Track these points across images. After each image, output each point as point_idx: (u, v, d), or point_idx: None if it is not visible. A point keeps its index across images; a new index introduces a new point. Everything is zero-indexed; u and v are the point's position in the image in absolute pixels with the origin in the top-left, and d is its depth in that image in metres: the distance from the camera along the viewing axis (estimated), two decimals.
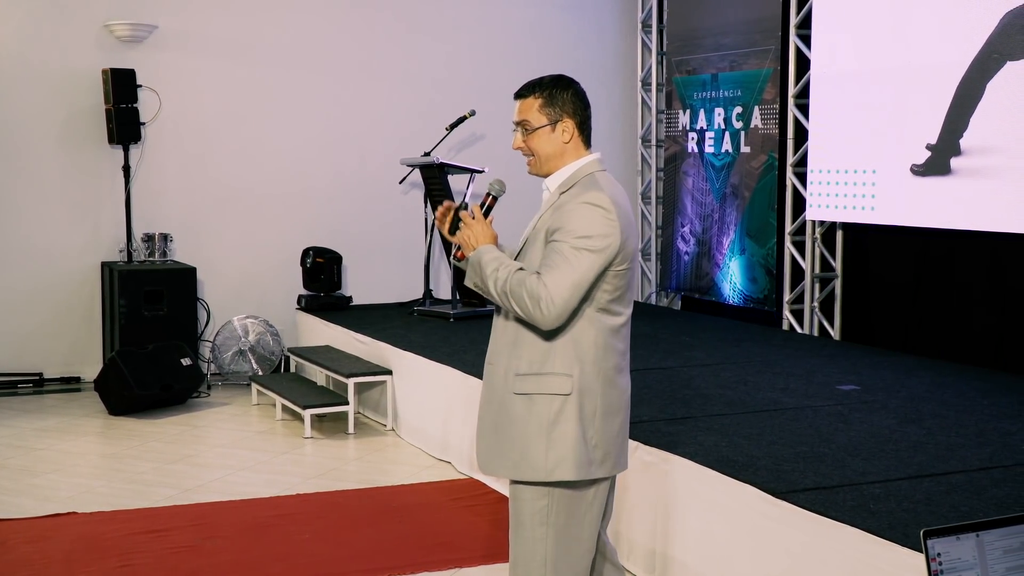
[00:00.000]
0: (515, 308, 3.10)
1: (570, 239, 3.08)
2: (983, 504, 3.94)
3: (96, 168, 8.67)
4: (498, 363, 3.25)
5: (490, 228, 3.24)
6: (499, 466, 3.25)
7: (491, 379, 3.28)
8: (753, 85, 8.63)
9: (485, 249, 3.19)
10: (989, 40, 6.55)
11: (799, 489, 4.13)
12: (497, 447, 3.24)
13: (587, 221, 3.09)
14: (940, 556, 2.30)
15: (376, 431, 7.36)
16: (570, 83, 3.29)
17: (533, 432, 3.17)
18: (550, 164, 3.28)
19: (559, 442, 3.16)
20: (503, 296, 3.11)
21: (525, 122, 3.26)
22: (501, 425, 3.22)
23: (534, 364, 3.17)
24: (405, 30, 9.47)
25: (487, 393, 3.30)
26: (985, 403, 5.64)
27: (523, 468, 3.19)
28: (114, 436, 7.20)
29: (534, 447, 3.16)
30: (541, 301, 3.04)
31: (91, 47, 8.60)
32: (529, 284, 3.06)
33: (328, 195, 9.30)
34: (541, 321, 3.08)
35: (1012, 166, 6.44)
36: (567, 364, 3.16)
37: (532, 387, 3.17)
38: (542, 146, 3.26)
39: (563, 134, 3.25)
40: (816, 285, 8.18)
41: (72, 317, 8.69)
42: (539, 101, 3.25)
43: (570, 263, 3.06)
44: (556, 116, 3.24)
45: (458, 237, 3.24)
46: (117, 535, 5.26)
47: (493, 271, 3.13)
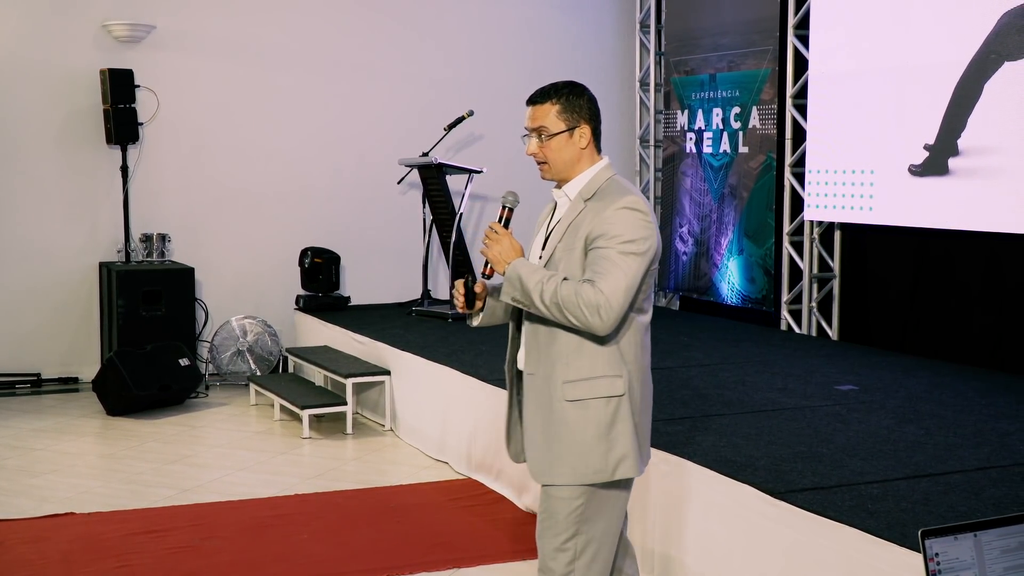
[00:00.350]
0: (568, 318, 3.10)
1: (616, 244, 3.10)
2: (981, 504, 3.95)
3: (94, 168, 8.67)
4: (539, 372, 3.26)
5: (516, 241, 3.25)
6: (557, 474, 3.23)
7: (534, 389, 3.28)
8: (751, 85, 8.63)
9: (520, 263, 3.19)
10: (987, 40, 6.55)
11: (797, 489, 4.14)
12: (552, 456, 3.23)
13: (630, 225, 3.12)
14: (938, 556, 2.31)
15: (374, 431, 7.36)
16: (584, 89, 3.30)
17: (591, 436, 3.19)
18: (566, 170, 3.27)
19: (618, 442, 3.20)
20: (553, 308, 3.10)
21: (542, 128, 3.25)
22: (553, 434, 3.23)
23: (583, 370, 3.19)
24: (403, 30, 9.47)
25: (533, 404, 3.29)
26: (983, 403, 5.64)
27: (583, 472, 3.20)
28: (112, 436, 7.20)
29: (594, 450, 3.19)
30: (600, 308, 3.05)
31: (89, 47, 8.60)
32: (585, 293, 3.06)
33: (326, 195, 9.30)
34: (599, 328, 3.09)
35: (1010, 166, 6.44)
36: (615, 366, 3.20)
37: (584, 392, 3.19)
38: (560, 152, 3.25)
39: (580, 140, 3.25)
40: (814, 285, 8.18)
41: (70, 317, 8.69)
42: (557, 107, 3.24)
43: (620, 268, 3.09)
44: (574, 122, 3.24)
45: (486, 254, 3.25)
46: (115, 535, 5.26)
47: (538, 284, 3.12)
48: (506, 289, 3.21)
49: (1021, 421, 5.25)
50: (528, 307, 3.17)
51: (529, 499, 5.59)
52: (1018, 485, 4.19)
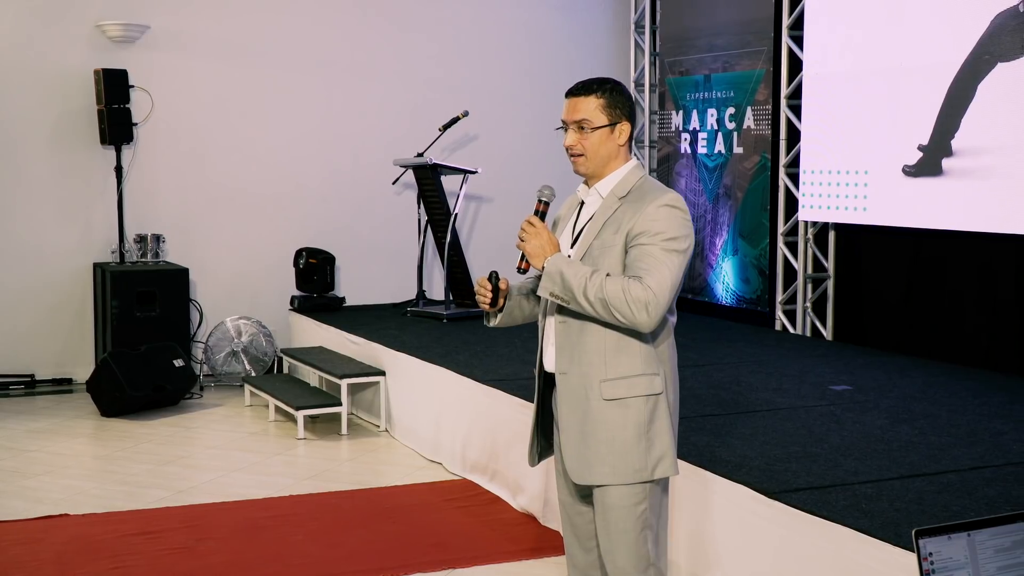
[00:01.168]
0: (614, 315, 3.06)
1: (659, 241, 3.10)
2: (974, 503, 3.95)
3: (88, 169, 8.66)
4: (573, 371, 3.22)
5: (553, 236, 3.21)
6: (596, 474, 3.21)
7: (568, 390, 3.24)
8: (746, 86, 8.64)
9: (560, 258, 3.14)
10: (980, 41, 6.56)
11: (792, 489, 4.14)
12: (591, 456, 3.21)
13: (672, 223, 3.12)
14: (932, 555, 2.31)
15: (369, 432, 7.36)
16: (625, 88, 3.30)
17: (631, 435, 3.17)
18: (601, 166, 3.25)
19: (657, 440, 3.20)
20: (597, 304, 3.06)
21: (584, 121, 3.22)
22: (591, 433, 3.20)
23: (622, 368, 3.17)
24: (398, 30, 9.47)
25: (567, 405, 3.25)
26: (976, 403, 5.65)
27: (623, 471, 3.19)
28: (106, 438, 7.19)
29: (633, 449, 3.18)
30: (649, 305, 3.04)
31: (83, 47, 8.59)
32: (633, 290, 3.04)
33: (321, 196, 9.30)
34: (646, 325, 3.08)
35: (1003, 167, 6.45)
36: (652, 364, 3.20)
37: (624, 391, 3.17)
38: (599, 147, 3.23)
39: (620, 136, 3.24)
40: (808, 285, 8.19)
41: (64, 318, 8.68)
42: (601, 101, 3.22)
43: (665, 265, 3.08)
44: (616, 118, 3.23)
45: (522, 247, 3.18)
46: (109, 537, 5.25)
47: (582, 280, 3.07)
48: (544, 284, 3.15)
49: (1014, 421, 5.26)
50: (568, 303, 3.13)
51: (524, 500, 5.59)
52: (1011, 484, 4.19)
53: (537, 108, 9.79)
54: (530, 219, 3.20)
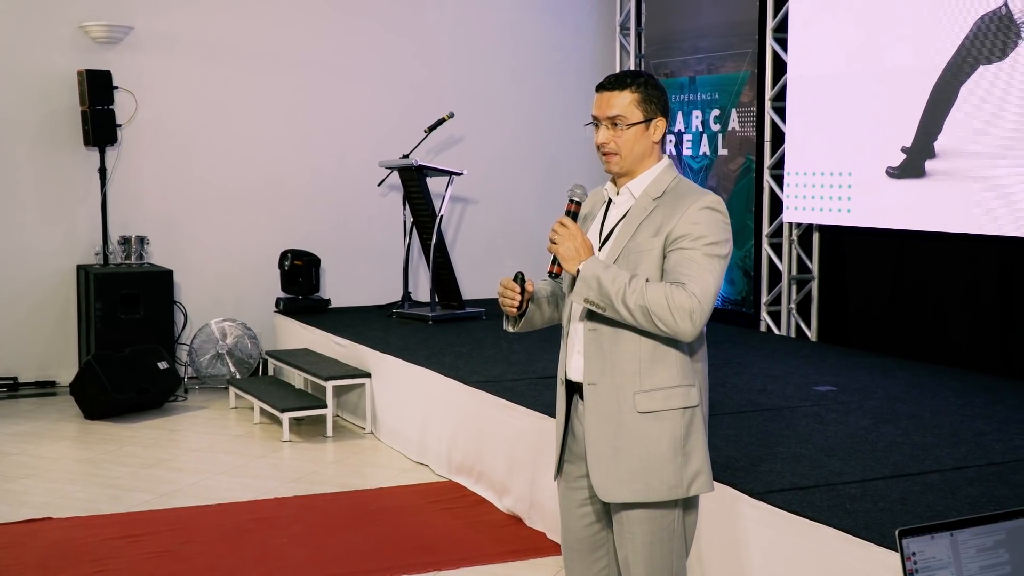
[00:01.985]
0: (656, 323, 2.91)
1: (700, 246, 2.95)
2: (957, 503, 3.97)
3: (72, 170, 8.63)
4: (604, 382, 3.04)
5: (587, 238, 3.03)
6: (628, 491, 3.04)
7: (598, 402, 3.05)
8: (730, 88, 8.66)
9: (596, 262, 2.96)
10: (963, 44, 6.59)
11: (776, 489, 4.15)
12: (622, 472, 3.04)
13: (713, 227, 2.98)
14: (915, 555, 2.32)
15: (354, 434, 7.35)
16: (659, 81, 3.15)
17: (667, 450, 3.02)
18: (635, 164, 3.09)
19: (693, 455, 3.06)
20: (637, 311, 2.90)
21: (619, 117, 3.05)
22: (624, 448, 3.03)
23: (658, 379, 3.01)
24: (383, 32, 9.47)
25: (597, 417, 3.06)
26: (959, 403, 5.68)
27: (657, 488, 3.03)
28: (90, 440, 7.16)
29: (669, 465, 3.03)
30: (694, 313, 2.89)
31: (67, 48, 8.56)
32: (677, 297, 2.89)
33: (306, 197, 9.28)
34: (689, 333, 2.92)
35: (985, 168, 6.48)
36: (687, 374, 3.05)
37: (660, 404, 3.01)
38: (634, 143, 3.06)
39: (655, 133, 3.09)
40: (793, 287, 8.21)
41: (47, 320, 8.65)
42: (637, 96, 3.07)
43: (708, 270, 2.94)
44: (651, 114, 3.07)
45: (555, 250, 3.01)
46: (93, 540, 5.24)
47: (621, 286, 2.91)
48: (579, 290, 2.96)
49: (997, 421, 5.28)
50: (604, 309, 2.95)
51: (509, 501, 5.59)
52: (994, 484, 4.21)
53: (523, 110, 9.80)
54: (562, 220, 3.02)
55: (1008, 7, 6.31)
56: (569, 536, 3.28)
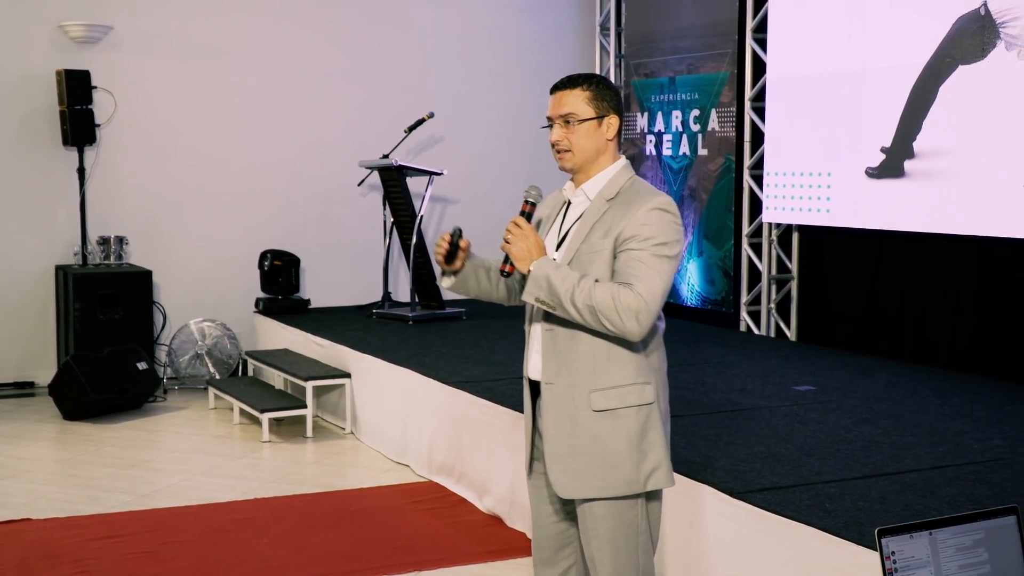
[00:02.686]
0: (603, 323, 2.96)
1: (650, 247, 3.00)
2: (936, 502, 3.99)
3: (50, 170, 8.58)
4: (560, 381, 3.10)
5: (540, 239, 3.08)
6: (585, 488, 3.09)
7: (555, 400, 3.11)
8: (710, 88, 8.68)
9: (547, 262, 3.02)
10: (942, 44, 6.63)
11: (756, 489, 4.16)
12: (579, 469, 3.09)
13: (663, 227, 3.02)
14: (894, 554, 2.33)
15: (334, 434, 7.34)
16: (611, 82, 3.20)
17: (623, 447, 3.07)
18: (588, 162, 3.14)
19: (650, 451, 3.10)
20: (585, 311, 2.95)
21: (571, 114, 3.12)
22: (581, 446, 3.08)
23: (612, 378, 3.07)
24: (363, 32, 9.45)
25: (554, 416, 3.12)
26: (938, 403, 5.70)
27: (615, 484, 3.08)
28: (69, 441, 7.13)
29: (625, 461, 3.07)
30: (640, 313, 2.94)
31: (45, 48, 8.52)
32: (624, 297, 2.93)
33: (286, 197, 9.26)
34: (636, 333, 2.97)
35: (963, 168, 6.52)
36: (643, 372, 3.10)
37: (615, 402, 3.06)
38: (586, 141, 3.12)
39: (608, 130, 3.14)
40: (773, 287, 8.23)
41: (25, 321, 8.60)
42: (588, 93, 3.13)
43: (656, 271, 2.99)
44: (603, 111, 3.13)
45: (508, 250, 3.06)
46: (72, 542, 5.21)
47: (570, 286, 2.96)
48: (530, 289, 3.02)
49: (976, 420, 5.31)
50: (554, 309, 3.01)
51: (490, 501, 5.59)
52: (972, 484, 4.23)
53: (502, 110, 9.79)
54: (516, 220, 3.08)
55: (987, 7, 6.35)
56: (538, 533, 3.33)
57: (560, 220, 3.23)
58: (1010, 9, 6.23)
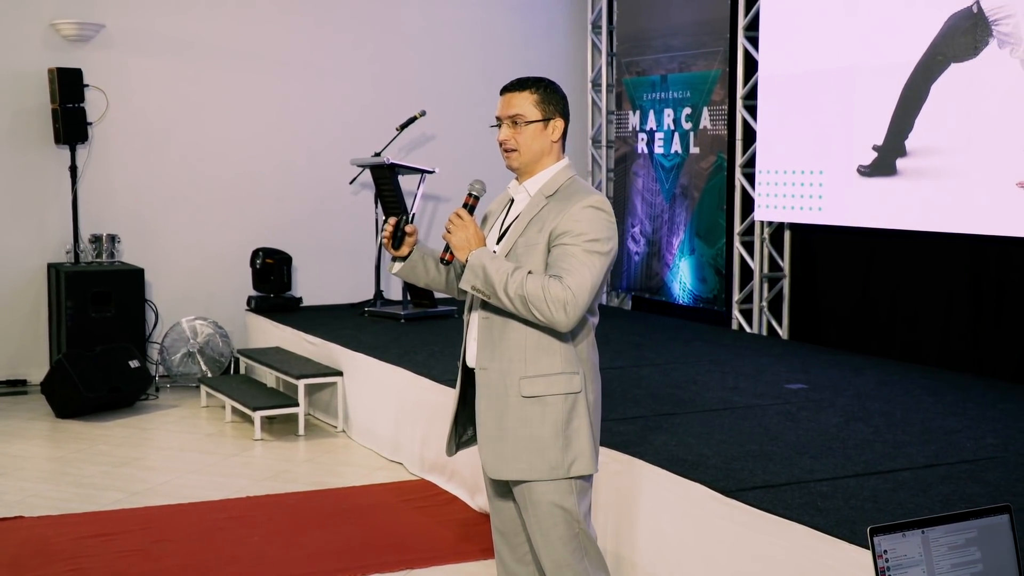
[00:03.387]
0: (533, 312, 3.10)
1: (581, 242, 3.13)
2: (929, 501, 3.99)
3: (42, 168, 8.56)
4: (492, 367, 3.25)
5: (480, 230, 3.24)
6: (512, 470, 3.25)
7: (488, 385, 3.28)
8: (702, 86, 8.68)
9: (484, 252, 3.18)
10: (934, 42, 6.64)
11: (748, 487, 4.17)
12: (506, 451, 3.24)
13: (596, 225, 3.16)
14: (887, 553, 2.33)
15: (327, 433, 7.34)
16: (558, 86, 3.36)
17: (548, 433, 3.21)
18: (533, 162, 3.30)
19: (575, 439, 3.23)
20: (517, 300, 3.10)
21: (518, 115, 3.27)
22: (509, 429, 3.23)
23: (541, 366, 3.20)
24: (355, 30, 9.44)
25: (485, 400, 3.29)
26: (931, 401, 5.71)
27: (540, 468, 3.22)
28: (61, 439, 7.12)
29: (550, 447, 3.21)
30: (567, 305, 3.07)
31: (37, 46, 8.50)
32: (552, 289, 3.07)
33: (278, 195, 9.25)
34: (563, 324, 3.11)
35: (956, 167, 6.53)
36: (571, 362, 3.23)
37: (542, 389, 3.20)
38: (532, 141, 3.27)
39: (553, 133, 3.30)
40: (765, 285, 8.24)
41: (17, 319, 8.58)
42: (535, 96, 3.28)
43: (586, 266, 3.12)
44: (549, 114, 3.29)
45: (448, 239, 3.23)
46: (65, 539, 5.21)
47: (504, 275, 3.11)
48: (467, 277, 3.18)
49: (968, 418, 5.32)
50: (489, 297, 3.16)
51: (482, 499, 5.59)
52: (965, 482, 4.24)
53: (494, 108, 9.68)
54: (458, 211, 3.24)
55: (979, 5, 6.36)
56: (496, 518, 3.48)
57: (503, 216, 3.38)
58: (1003, 7, 6.24)
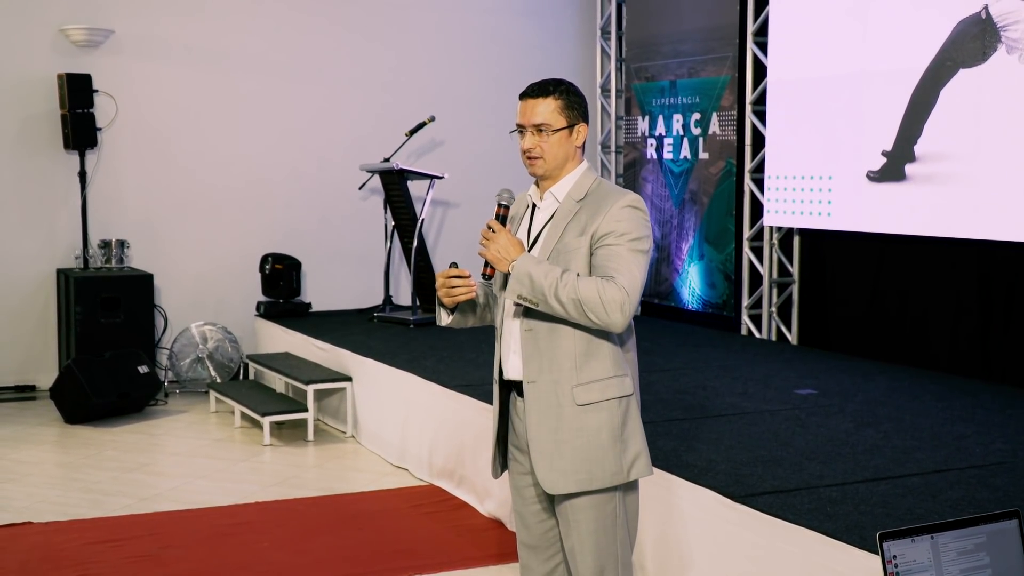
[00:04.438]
0: (588, 316, 3.03)
1: (626, 242, 3.10)
2: (938, 506, 3.98)
3: (51, 174, 8.59)
4: (543, 379, 3.16)
5: (516, 237, 3.17)
6: (572, 482, 3.16)
7: (538, 398, 3.17)
8: (711, 92, 8.68)
9: (528, 259, 3.09)
10: (943, 48, 6.63)
11: (757, 493, 4.16)
12: (564, 464, 3.15)
13: (636, 223, 3.13)
14: (896, 558, 2.33)
15: (335, 438, 7.34)
16: (578, 88, 3.31)
17: (606, 439, 3.15)
18: (558, 168, 3.23)
19: (631, 441, 3.20)
20: (570, 305, 3.02)
21: (544, 124, 3.20)
22: (566, 440, 3.15)
23: (595, 371, 3.15)
24: (364, 36, 9.45)
25: (538, 414, 3.17)
26: (940, 407, 5.70)
27: (600, 476, 3.16)
28: (70, 445, 7.13)
29: (609, 453, 3.15)
30: (624, 305, 3.02)
31: (46, 52, 8.52)
32: (608, 290, 3.02)
33: (287, 201, 9.26)
34: (620, 324, 3.06)
35: (965, 172, 6.51)
36: (620, 365, 3.19)
37: (597, 395, 3.15)
38: (558, 149, 3.21)
39: (577, 138, 3.24)
40: (774, 290, 8.23)
41: (27, 324, 8.60)
42: (559, 103, 3.23)
43: (634, 264, 3.09)
44: (574, 119, 3.23)
45: (485, 255, 3.14)
46: (73, 545, 5.21)
47: (553, 281, 3.03)
48: (512, 287, 3.08)
49: (977, 424, 5.30)
50: (537, 304, 3.07)
51: (492, 505, 5.59)
52: (974, 487, 4.23)
53: (504, 113, 9.75)
54: (490, 223, 3.16)
55: (988, 11, 6.35)
56: (525, 533, 3.40)
57: (528, 223, 3.30)
58: (1011, 12, 6.23)
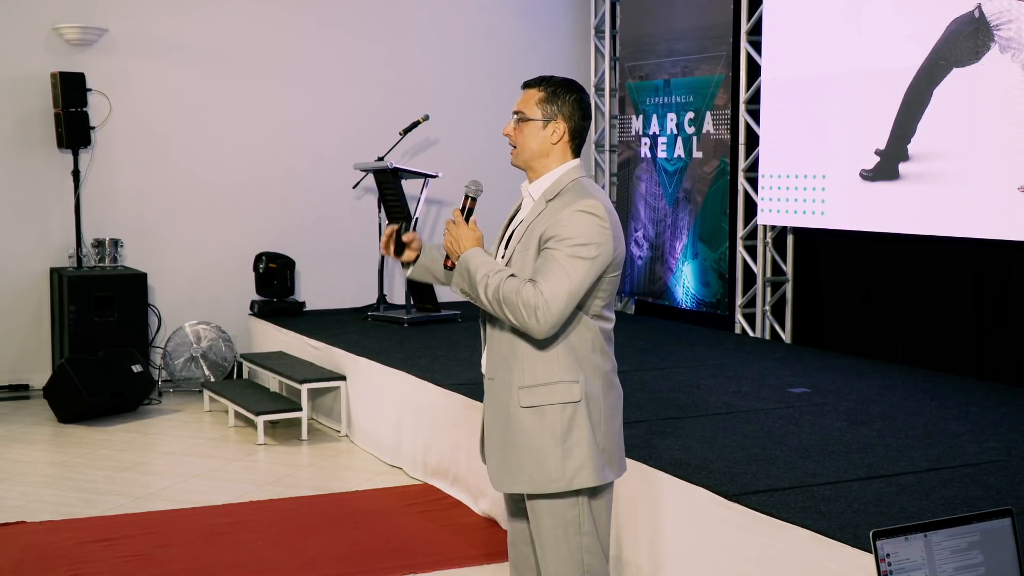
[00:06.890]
0: (507, 316, 3.05)
1: (565, 247, 3.04)
2: (931, 505, 3.99)
3: (45, 173, 8.58)
4: (498, 377, 3.20)
5: (474, 230, 3.19)
6: (514, 482, 3.19)
7: (493, 395, 3.22)
8: (705, 91, 8.68)
9: (472, 253, 3.13)
10: (936, 47, 6.64)
11: (751, 491, 4.16)
12: (509, 464, 3.18)
13: (582, 229, 3.06)
14: (889, 557, 2.33)
15: (330, 437, 7.34)
16: (577, 89, 3.27)
17: (547, 444, 3.12)
18: (532, 161, 3.23)
19: (575, 450, 3.13)
20: (494, 303, 3.05)
21: (521, 112, 3.23)
22: (511, 441, 3.17)
23: (538, 375, 3.13)
24: (358, 34, 9.45)
25: (491, 410, 3.23)
26: (933, 405, 5.71)
27: (540, 481, 3.15)
28: (64, 444, 7.12)
29: (550, 458, 3.13)
30: (538, 310, 2.99)
31: (40, 50, 8.51)
32: (525, 293, 3.00)
33: (281, 200, 9.25)
34: (536, 330, 3.03)
35: (958, 171, 6.53)
36: (571, 371, 3.14)
37: (540, 399, 3.13)
38: (529, 140, 3.22)
39: (552, 135, 3.21)
40: (768, 289, 8.24)
41: (20, 323, 8.59)
42: (540, 95, 3.22)
43: (566, 271, 3.02)
44: (550, 115, 3.21)
45: (444, 244, 3.20)
46: (67, 544, 5.21)
47: (483, 277, 3.07)
48: (455, 279, 3.17)
49: (971, 422, 5.31)
50: (474, 300, 3.12)
51: (486, 504, 5.59)
52: (968, 486, 4.24)
53: (498, 112, 9.75)
54: (454, 212, 3.21)
55: (981, 10, 6.36)
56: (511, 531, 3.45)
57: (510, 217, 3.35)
58: (1005, 12, 6.24)
